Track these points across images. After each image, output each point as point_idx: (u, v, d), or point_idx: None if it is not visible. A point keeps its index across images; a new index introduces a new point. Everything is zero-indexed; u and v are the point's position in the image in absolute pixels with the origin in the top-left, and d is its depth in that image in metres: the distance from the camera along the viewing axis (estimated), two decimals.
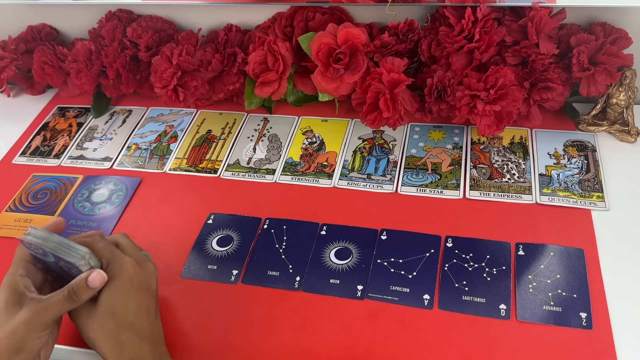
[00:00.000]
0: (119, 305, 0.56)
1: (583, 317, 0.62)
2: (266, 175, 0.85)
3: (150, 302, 0.59)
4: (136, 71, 0.98)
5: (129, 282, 0.57)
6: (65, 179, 0.89)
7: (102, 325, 0.56)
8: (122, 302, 0.56)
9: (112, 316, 0.56)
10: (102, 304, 0.56)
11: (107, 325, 0.56)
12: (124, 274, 0.57)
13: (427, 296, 0.66)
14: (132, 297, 0.57)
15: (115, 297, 0.56)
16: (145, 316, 0.58)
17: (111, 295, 0.56)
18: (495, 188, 0.77)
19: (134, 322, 0.57)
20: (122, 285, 0.57)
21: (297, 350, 0.63)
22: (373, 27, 0.91)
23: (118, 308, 0.56)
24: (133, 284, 0.57)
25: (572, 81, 0.82)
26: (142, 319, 0.57)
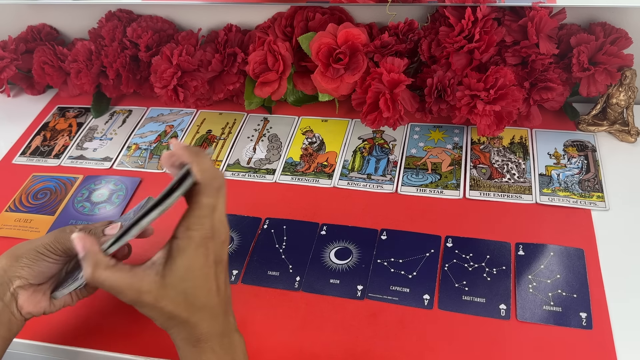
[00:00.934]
0: (192, 286, 0.50)
1: (583, 317, 0.62)
2: (266, 175, 0.85)
3: (222, 276, 0.53)
4: (136, 71, 0.98)
5: (203, 260, 0.50)
6: (65, 179, 0.89)
7: (172, 310, 0.50)
8: (195, 282, 0.50)
9: (183, 299, 0.50)
10: (174, 285, 0.50)
11: (178, 309, 0.50)
12: (200, 250, 0.50)
13: (427, 296, 0.66)
14: (207, 276, 0.51)
15: (188, 278, 0.50)
16: (217, 293, 0.52)
17: (185, 274, 0.50)
18: (495, 188, 0.77)
19: (206, 302, 0.51)
20: (196, 263, 0.50)
21: (297, 350, 0.63)
22: (373, 27, 0.91)
23: (191, 289, 0.50)
24: (208, 260, 0.51)
25: (572, 81, 0.82)
26: (213, 297, 0.52)
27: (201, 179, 0.49)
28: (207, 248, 0.51)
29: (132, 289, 0.49)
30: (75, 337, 0.67)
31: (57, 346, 0.66)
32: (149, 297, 0.49)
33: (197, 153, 0.50)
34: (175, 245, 0.50)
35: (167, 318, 0.51)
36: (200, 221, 0.50)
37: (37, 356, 0.69)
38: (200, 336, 0.51)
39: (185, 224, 0.50)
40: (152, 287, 0.49)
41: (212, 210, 0.50)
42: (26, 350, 0.68)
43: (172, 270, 0.50)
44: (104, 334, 0.66)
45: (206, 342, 0.51)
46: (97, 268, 0.48)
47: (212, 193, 0.50)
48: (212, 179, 0.50)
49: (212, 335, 0.52)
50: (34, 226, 0.82)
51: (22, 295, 0.56)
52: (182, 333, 0.51)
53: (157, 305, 0.50)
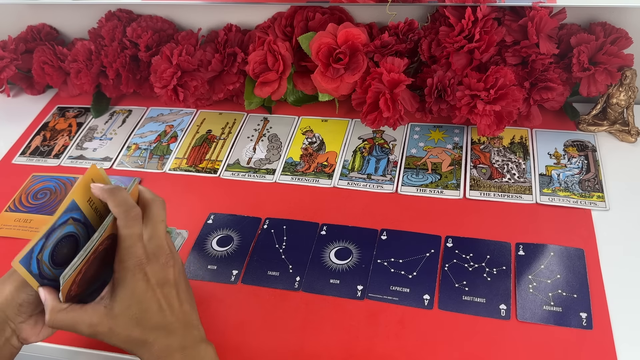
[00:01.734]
0: (138, 310, 0.54)
1: (583, 317, 0.62)
2: (266, 175, 0.85)
3: (172, 294, 0.56)
4: (136, 71, 0.98)
5: (144, 284, 0.54)
6: (65, 179, 0.89)
7: (128, 335, 0.54)
8: (142, 306, 0.54)
9: (136, 323, 0.54)
10: (122, 313, 0.54)
11: (133, 334, 0.54)
12: (137, 277, 0.54)
13: (427, 296, 0.66)
14: (152, 298, 0.54)
15: (133, 304, 0.54)
16: (170, 311, 0.55)
17: (129, 302, 0.54)
18: (495, 188, 0.77)
19: (158, 322, 0.54)
20: (138, 289, 0.54)
21: (297, 350, 0.63)
22: (373, 27, 0.91)
23: (139, 313, 0.54)
24: (149, 283, 0.54)
25: (572, 81, 0.82)
26: (166, 316, 0.55)
27: (116, 212, 0.54)
28: (145, 273, 0.54)
29: (84, 324, 0.54)
30: (75, 337, 0.66)
31: (57, 346, 0.66)
32: (102, 327, 0.54)
33: (111, 191, 0.55)
34: (115, 278, 0.55)
35: (126, 343, 0.54)
36: (129, 251, 0.54)
37: (37, 356, 0.69)
38: (160, 353, 0.54)
39: (118, 258, 0.54)
40: (103, 319, 0.54)
41: (138, 238, 0.54)
42: (26, 350, 0.68)
43: (117, 301, 0.54)
44: None
45: (168, 357, 0.54)
46: (53, 313, 0.54)
47: (130, 224, 0.54)
48: (126, 211, 0.54)
49: (172, 349, 0.54)
50: (33, 226, 0.82)
51: (26, 329, 0.56)
52: (145, 353, 0.55)
53: (112, 334, 0.54)
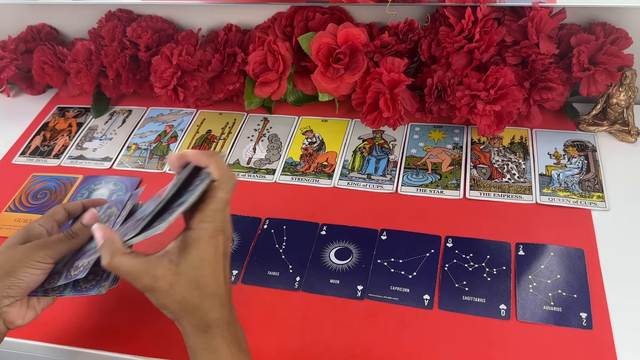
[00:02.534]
0: (204, 274, 0.53)
1: (583, 317, 0.62)
2: (266, 175, 0.85)
3: (228, 268, 0.56)
4: (136, 71, 0.98)
5: (214, 250, 0.53)
6: (65, 179, 0.89)
7: (185, 296, 0.52)
8: (207, 271, 0.53)
9: (195, 286, 0.52)
10: (187, 272, 0.52)
11: (190, 296, 0.52)
12: (212, 242, 0.53)
13: (427, 296, 0.66)
14: (217, 265, 0.54)
15: (201, 266, 0.52)
16: (224, 282, 0.55)
17: (198, 263, 0.52)
18: (495, 188, 0.77)
19: (215, 290, 0.54)
20: (208, 253, 0.53)
21: (297, 350, 0.63)
22: (373, 27, 0.91)
23: (203, 277, 0.53)
24: (218, 251, 0.54)
25: (572, 81, 0.82)
26: (221, 286, 0.54)
27: (219, 176, 0.53)
28: (218, 240, 0.53)
29: (147, 275, 0.51)
30: (75, 337, 0.67)
31: (57, 346, 0.66)
32: (163, 282, 0.51)
33: (213, 154, 0.54)
34: (190, 235, 0.53)
35: (179, 305, 0.52)
36: (214, 214, 0.53)
37: (37, 356, 0.69)
38: (211, 322, 0.53)
39: (200, 217, 0.53)
40: (167, 273, 0.51)
41: (226, 205, 0.54)
42: (26, 350, 0.68)
43: (186, 259, 0.52)
44: (104, 334, 0.66)
45: (216, 328, 0.53)
46: (114, 255, 0.51)
47: (228, 189, 0.54)
48: (228, 177, 0.54)
49: (221, 322, 0.54)
50: None
51: (12, 312, 0.57)
52: (193, 320, 0.53)
53: (170, 291, 0.52)
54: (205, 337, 0.53)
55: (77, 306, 0.69)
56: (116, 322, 0.67)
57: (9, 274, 0.55)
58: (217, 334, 0.53)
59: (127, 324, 0.67)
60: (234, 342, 0.54)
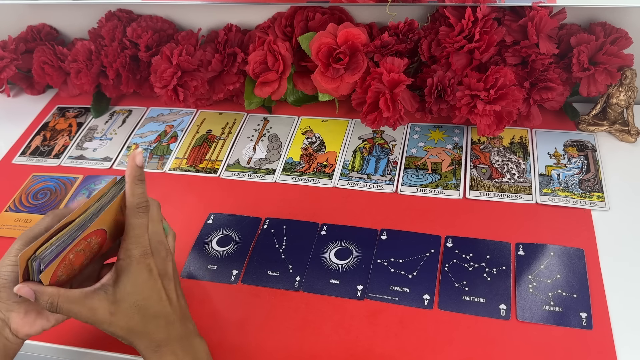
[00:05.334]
0: (141, 298, 0.55)
1: (583, 317, 0.62)
2: (266, 175, 0.85)
3: (170, 287, 0.58)
4: (136, 71, 0.98)
5: (147, 274, 0.55)
6: (65, 179, 0.89)
7: (128, 322, 0.55)
8: (144, 294, 0.55)
9: (137, 311, 0.55)
10: (124, 300, 0.54)
11: (133, 321, 0.55)
12: (141, 266, 0.55)
13: (427, 296, 0.66)
14: (154, 287, 0.56)
15: (136, 292, 0.55)
16: (169, 302, 0.57)
17: (132, 289, 0.55)
18: (495, 188, 0.77)
19: (159, 311, 0.56)
20: (141, 277, 0.55)
21: (297, 350, 0.63)
22: (373, 27, 0.91)
23: (141, 301, 0.55)
24: (152, 273, 0.56)
25: (572, 81, 0.82)
26: (165, 306, 0.56)
27: (131, 202, 0.56)
28: (148, 263, 0.55)
29: (85, 307, 0.54)
30: (75, 337, 0.67)
31: (57, 346, 0.66)
32: (103, 313, 0.54)
33: (132, 180, 0.56)
34: (119, 265, 0.55)
35: (126, 331, 0.55)
36: (137, 240, 0.55)
37: (37, 356, 0.69)
38: (160, 342, 0.56)
39: (124, 245, 0.55)
40: (104, 303, 0.54)
41: (146, 229, 0.56)
42: (26, 350, 0.68)
43: (120, 287, 0.55)
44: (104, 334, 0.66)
45: (166, 346, 0.56)
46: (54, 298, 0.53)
47: (141, 215, 0.56)
48: (140, 203, 0.56)
49: (171, 339, 0.56)
50: None
51: (15, 319, 0.56)
52: (143, 342, 0.55)
53: (112, 320, 0.54)
54: (157, 356, 0.56)
55: None
56: None
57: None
58: (167, 352, 0.56)
59: None
60: (186, 356, 0.56)
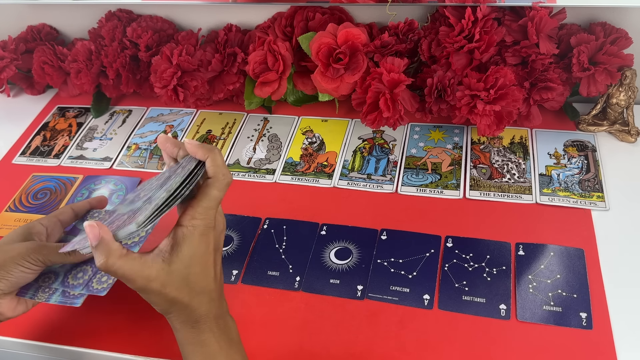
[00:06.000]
0: (194, 272, 0.53)
1: (583, 317, 0.62)
2: (266, 175, 0.85)
3: (219, 263, 0.57)
4: (136, 71, 0.98)
5: (205, 248, 0.54)
6: (65, 179, 0.89)
7: (176, 295, 0.53)
8: (197, 269, 0.53)
9: (186, 284, 0.53)
10: (179, 271, 0.52)
11: (181, 294, 0.53)
12: (203, 238, 0.53)
13: (427, 296, 0.66)
14: (207, 262, 0.54)
15: (191, 264, 0.53)
16: (214, 278, 0.56)
17: (189, 261, 0.53)
18: (495, 188, 0.77)
19: (205, 286, 0.54)
20: (199, 251, 0.53)
21: (297, 350, 0.63)
22: (373, 27, 0.91)
23: (193, 275, 0.53)
24: (209, 248, 0.54)
25: (572, 81, 0.82)
26: (211, 282, 0.55)
27: (214, 173, 0.54)
28: (209, 237, 0.54)
29: (141, 277, 0.51)
30: (75, 337, 0.67)
31: (57, 346, 0.66)
32: (156, 284, 0.51)
33: (211, 149, 0.54)
34: (181, 233, 0.53)
35: (170, 303, 0.53)
36: (206, 212, 0.53)
37: (37, 356, 0.69)
38: (199, 318, 0.54)
39: (191, 213, 0.53)
40: (160, 274, 0.51)
41: (219, 203, 0.54)
42: (26, 350, 0.68)
43: (178, 257, 0.52)
44: (104, 334, 0.66)
45: (205, 323, 0.54)
46: (110, 257, 0.50)
47: (222, 187, 0.54)
48: (224, 175, 0.54)
49: (209, 317, 0.55)
50: None
51: (2, 304, 0.58)
52: (181, 316, 0.54)
53: (162, 291, 0.52)
54: (194, 332, 0.54)
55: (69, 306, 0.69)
56: (116, 322, 0.67)
57: (0, 267, 0.57)
58: (205, 329, 0.54)
59: (127, 324, 0.67)
60: (222, 335, 0.55)
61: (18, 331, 0.67)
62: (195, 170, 0.53)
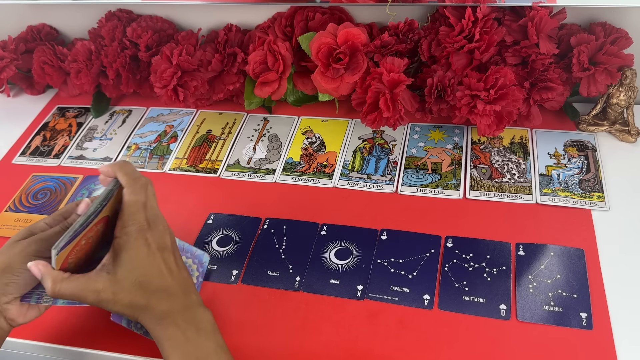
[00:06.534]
0: (142, 274, 0.56)
1: (583, 317, 0.62)
2: (266, 175, 0.85)
3: (170, 259, 0.58)
4: (136, 71, 0.98)
5: (145, 249, 0.56)
6: (65, 179, 0.89)
7: (131, 299, 0.55)
8: (144, 270, 0.56)
9: (138, 287, 0.56)
10: (126, 277, 0.55)
11: (136, 297, 0.56)
12: (139, 242, 0.56)
13: (427, 296, 0.66)
14: (153, 262, 0.57)
15: (136, 267, 0.56)
16: (170, 275, 0.58)
17: (132, 265, 0.55)
18: (495, 188, 0.77)
19: (159, 284, 0.57)
20: (140, 253, 0.56)
21: (297, 350, 0.63)
22: (373, 27, 0.91)
23: (142, 277, 0.56)
24: (151, 248, 0.57)
25: (572, 81, 0.82)
26: (166, 279, 0.57)
27: (125, 180, 0.57)
28: (146, 238, 0.56)
29: (90, 291, 0.55)
30: (75, 337, 0.67)
31: (57, 346, 0.66)
32: (107, 294, 0.55)
33: (118, 163, 0.58)
34: (117, 243, 0.56)
35: (130, 308, 0.56)
36: (133, 217, 0.56)
37: (37, 356, 0.69)
38: (162, 314, 0.56)
39: (120, 224, 0.56)
40: (107, 284, 0.55)
41: (142, 205, 0.57)
42: (26, 350, 0.68)
43: (120, 265, 0.55)
44: (104, 334, 0.66)
45: (168, 318, 0.56)
46: (55, 283, 0.54)
47: (137, 191, 0.57)
48: (135, 180, 0.57)
49: (173, 311, 0.57)
50: None
51: (12, 310, 0.57)
52: (147, 316, 0.56)
53: (116, 299, 0.55)
54: (160, 328, 0.56)
55: (76, 306, 0.69)
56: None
57: (5, 270, 0.56)
58: (170, 323, 0.56)
59: None
60: (189, 326, 0.56)
61: (18, 331, 0.67)
62: (112, 189, 0.57)
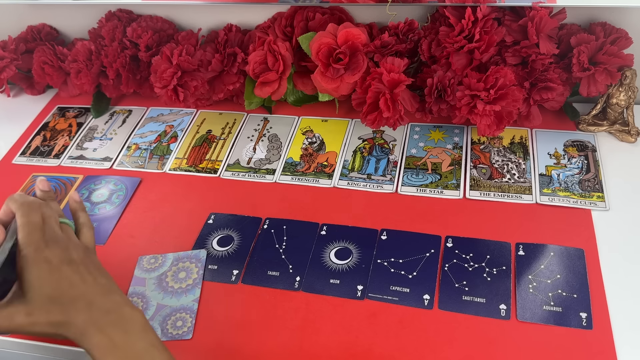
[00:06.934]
0: (52, 288, 0.55)
1: (583, 317, 0.62)
2: (266, 175, 0.85)
3: (80, 270, 0.57)
4: (136, 71, 0.98)
5: (47, 265, 0.55)
6: (65, 179, 0.89)
7: (48, 317, 0.54)
8: (53, 284, 0.55)
9: (52, 302, 0.54)
10: (36, 296, 0.54)
11: (53, 313, 0.54)
12: (38, 261, 0.55)
13: (427, 296, 0.66)
14: (60, 276, 0.56)
15: (43, 285, 0.55)
16: (83, 284, 0.56)
17: (38, 283, 0.54)
18: (495, 188, 0.77)
19: (74, 294, 0.55)
20: (42, 270, 0.55)
21: (297, 350, 0.63)
22: (373, 27, 0.91)
23: (53, 291, 0.55)
24: (52, 264, 0.55)
25: (572, 81, 0.82)
26: (79, 288, 0.56)
27: (15, 207, 0.57)
28: (46, 256, 0.55)
29: (2, 318, 0.54)
30: None
31: (57, 346, 0.66)
32: (21, 316, 0.54)
33: (10, 196, 0.58)
34: (19, 267, 0.55)
35: (51, 326, 0.54)
36: (27, 238, 0.55)
37: (37, 356, 0.69)
38: (84, 324, 0.55)
39: (18, 249, 0.55)
40: (19, 307, 0.54)
41: (36, 226, 0.56)
42: (26, 350, 0.68)
43: (27, 287, 0.54)
44: None
45: (92, 327, 0.55)
46: None
47: (27, 213, 0.57)
48: (25, 204, 0.57)
49: (95, 318, 0.55)
50: None
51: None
52: (70, 331, 0.55)
53: (33, 320, 0.54)
54: (85, 339, 0.55)
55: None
56: None
57: None
58: (94, 332, 0.55)
59: None
60: (115, 330, 0.55)
61: None
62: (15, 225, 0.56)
